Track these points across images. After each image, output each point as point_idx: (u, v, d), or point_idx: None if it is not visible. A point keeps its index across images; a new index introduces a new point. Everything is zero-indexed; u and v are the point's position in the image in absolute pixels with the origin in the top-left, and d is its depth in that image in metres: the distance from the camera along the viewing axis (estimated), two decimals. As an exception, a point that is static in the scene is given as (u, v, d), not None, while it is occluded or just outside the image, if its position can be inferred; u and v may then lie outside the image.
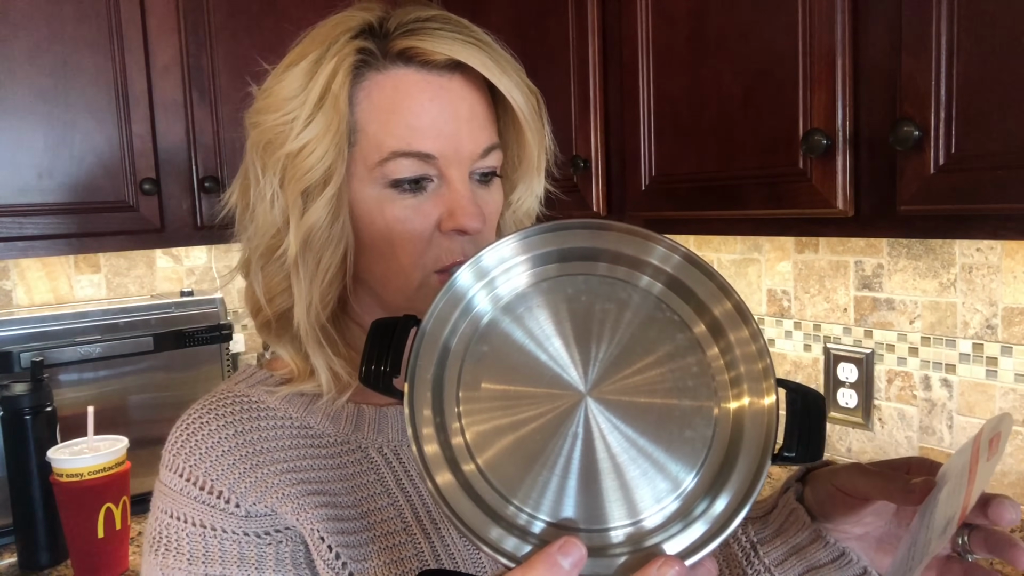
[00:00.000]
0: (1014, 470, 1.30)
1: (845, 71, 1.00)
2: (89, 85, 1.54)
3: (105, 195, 1.58)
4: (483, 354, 0.46)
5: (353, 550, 0.63)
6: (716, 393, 0.47)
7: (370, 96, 0.63)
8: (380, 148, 0.63)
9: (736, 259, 1.68)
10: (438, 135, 0.63)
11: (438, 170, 0.64)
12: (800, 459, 0.47)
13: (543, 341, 0.46)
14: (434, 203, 0.64)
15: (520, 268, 0.48)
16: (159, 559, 0.63)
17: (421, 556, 0.66)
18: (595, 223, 0.48)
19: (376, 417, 0.70)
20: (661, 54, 1.24)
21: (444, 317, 0.46)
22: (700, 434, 0.46)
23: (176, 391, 1.78)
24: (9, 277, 1.85)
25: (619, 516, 0.43)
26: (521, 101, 0.65)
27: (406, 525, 0.67)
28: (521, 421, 0.44)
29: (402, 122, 0.62)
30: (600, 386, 0.45)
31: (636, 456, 0.44)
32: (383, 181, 0.63)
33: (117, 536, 1.43)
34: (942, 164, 0.90)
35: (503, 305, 0.47)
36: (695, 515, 0.44)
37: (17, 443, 1.46)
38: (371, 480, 0.67)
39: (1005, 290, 1.28)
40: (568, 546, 0.39)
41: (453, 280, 0.46)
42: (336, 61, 0.62)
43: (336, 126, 0.61)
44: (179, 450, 0.64)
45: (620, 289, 0.48)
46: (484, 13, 1.57)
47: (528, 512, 0.43)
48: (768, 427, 0.46)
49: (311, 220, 0.63)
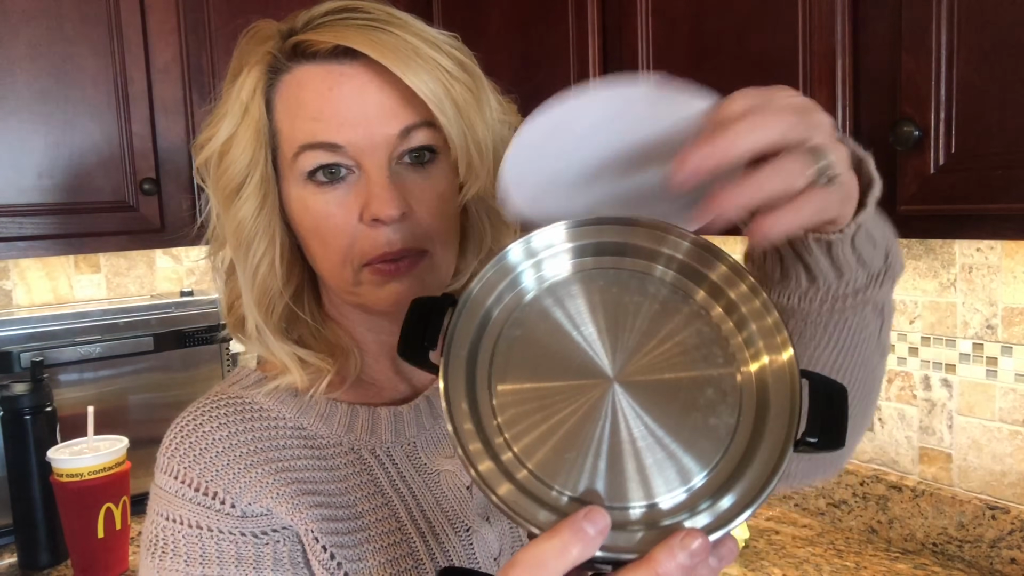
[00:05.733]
0: (1014, 470, 1.30)
1: (845, 71, 1.00)
2: (89, 85, 1.54)
3: (105, 195, 1.58)
4: (518, 335, 0.48)
5: (348, 550, 0.64)
6: (734, 357, 0.48)
7: (281, 97, 0.64)
8: (292, 144, 0.64)
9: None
10: (342, 123, 0.62)
11: (353, 160, 0.63)
12: (822, 446, 0.47)
13: (580, 326, 0.48)
14: (354, 195, 0.63)
15: (564, 256, 0.50)
16: (156, 562, 0.62)
17: (416, 556, 0.66)
18: (626, 219, 0.50)
19: (369, 418, 0.70)
20: (661, 54, 1.24)
21: (492, 285, 0.48)
22: (724, 422, 0.46)
23: (176, 391, 1.78)
24: (9, 277, 1.85)
25: (637, 496, 0.45)
26: (425, 83, 0.61)
27: (400, 525, 0.67)
28: (553, 402, 0.46)
29: (306, 115, 0.63)
30: (625, 369, 0.47)
31: (653, 445, 0.46)
32: (301, 177, 0.64)
33: (117, 536, 1.43)
34: (942, 164, 0.90)
35: (547, 287, 0.49)
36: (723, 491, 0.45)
37: (17, 443, 1.46)
38: (365, 481, 0.68)
39: (1005, 290, 1.28)
40: (593, 514, 0.40)
41: (505, 252, 0.48)
42: (246, 71, 0.64)
43: (252, 127, 0.64)
44: (173, 452, 0.64)
45: (640, 280, 0.50)
46: (484, 13, 1.57)
47: (568, 495, 0.44)
48: (792, 385, 0.46)
49: (238, 216, 0.65)
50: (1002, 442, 1.31)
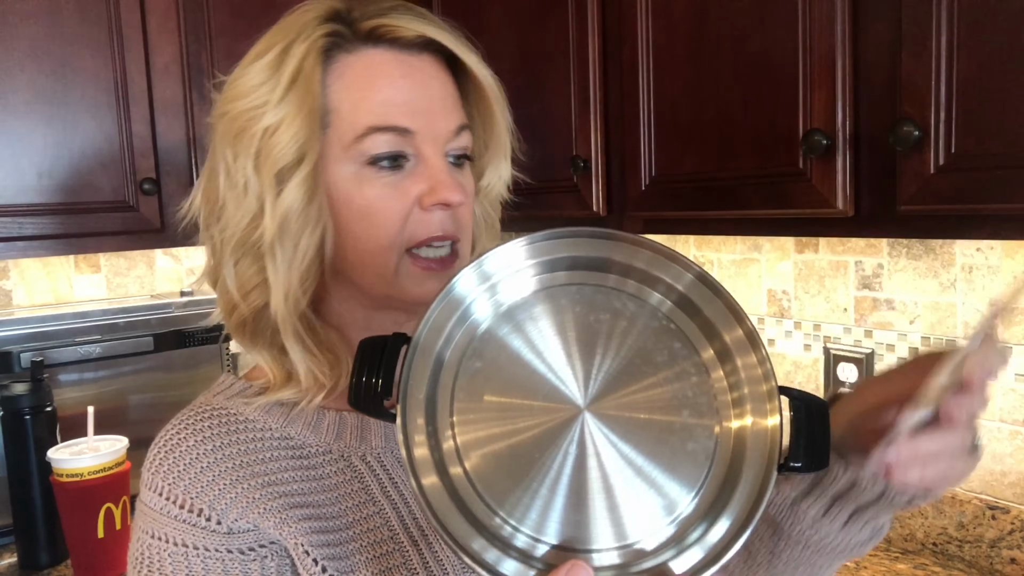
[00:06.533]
0: (1014, 470, 1.30)
1: (845, 71, 1.00)
2: (89, 85, 1.54)
3: (105, 195, 1.58)
4: (479, 366, 0.44)
5: (340, 562, 0.62)
6: (718, 412, 0.46)
7: (343, 77, 0.63)
8: (355, 125, 0.63)
9: (736, 259, 1.68)
10: (413, 111, 0.63)
11: (414, 148, 0.64)
12: (807, 468, 0.46)
13: (543, 352, 0.45)
14: (413, 180, 0.64)
15: (526, 273, 0.47)
16: None
17: (409, 564, 0.65)
18: (603, 232, 0.47)
19: (359, 425, 0.69)
20: (661, 54, 1.24)
21: (439, 326, 0.44)
22: (702, 450, 0.44)
23: (176, 391, 1.78)
24: (9, 277, 1.85)
25: (604, 538, 0.42)
26: (489, 77, 0.68)
27: (393, 533, 0.65)
28: (515, 431, 0.43)
29: (377, 98, 0.63)
30: (600, 401, 0.44)
31: (631, 477, 0.43)
32: (361, 159, 0.63)
33: (117, 536, 1.43)
34: (942, 164, 0.90)
35: (503, 312, 0.46)
36: (690, 540, 0.43)
37: (17, 443, 1.46)
38: (355, 489, 0.66)
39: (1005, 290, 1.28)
40: (576, 570, 0.39)
41: (452, 285, 0.45)
42: (306, 45, 0.62)
43: (309, 105, 0.62)
44: (157, 468, 0.63)
45: (627, 302, 0.47)
46: (484, 13, 1.57)
47: (512, 525, 0.42)
48: (771, 447, 0.45)
49: (287, 201, 0.62)
50: (1002, 442, 1.31)
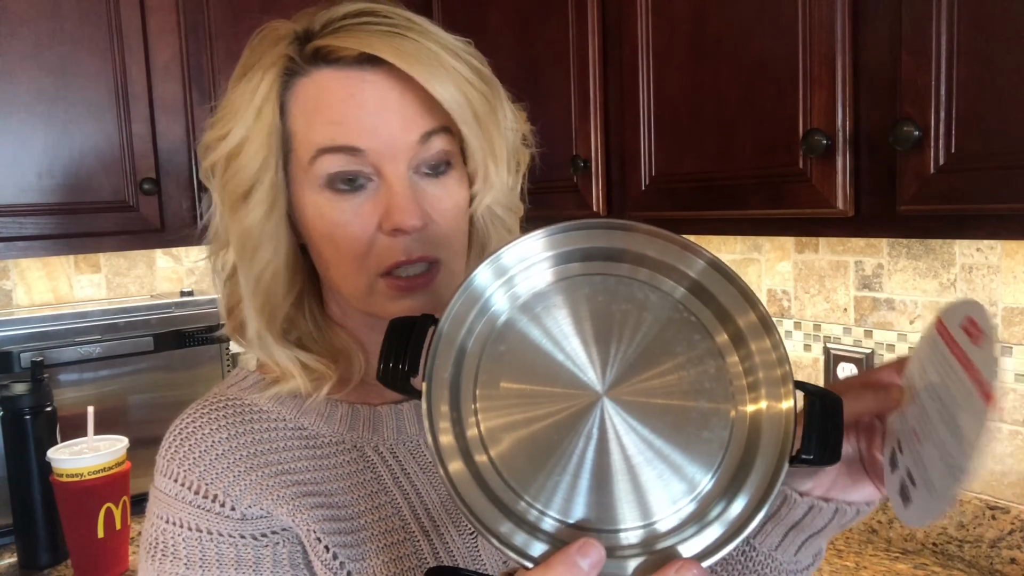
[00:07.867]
0: (1014, 470, 1.30)
1: (845, 71, 1.00)
2: (89, 85, 1.54)
3: (105, 195, 1.57)
4: (500, 354, 0.46)
5: (351, 549, 0.63)
6: (733, 396, 0.47)
7: (297, 100, 0.64)
8: (309, 147, 0.63)
9: (736, 259, 1.68)
10: (362, 129, 0.62)
11: (373, 166, 0.63)
12: (818, 461, 0.47)
13: (561, 340, 0.46)
14: (373, 204, 0.63)
15: (542, 266, 0.48)
16: (156, 565, 0.62)
17: (420, 554, 0.66)
18: (619, 223, 0.48)
19: (371, 416, 0.70)
20: (661, 54, 1.24)
21: (461, 317, 0.46)
22: (717, 435, 0.46)
23: (176, 391, 1.78)
24: (9, 277, 1.85)
25: (631, 518, 0.43)
26: (448, 92, 0.61)
27: (404, 523, 0.66)
28: (536, 417, 0.44)
29: (325, 119, 0.62)
30: (618, 387, 0.45)
31: (652, 458, 0.44)
32: (318, 182, 0.63)
33: (117, 536, 1.43)
34: (942, 164, 0.90)
35: (521, 304, 0.47)
36: (711, 518, 0.44)
37: (17, 443, 1.46)
38: (368, 479, 0.67)
39: (1005, 290, 1.28)
40: (587, 547, 0.39)
41: (471, 279, 0.46)
42: (263, 72, 0.63)
43: (265, 130, 0.63)
44: (173, 455, 0.64)
45: (641, 291, 0.48)
46: (484, 13, 1.57)
47: (539, 509, 0.43)
48: (786, 430, 0.46)
49: (245, 222, 0.64)
50: (1002, 442, 1.31)
